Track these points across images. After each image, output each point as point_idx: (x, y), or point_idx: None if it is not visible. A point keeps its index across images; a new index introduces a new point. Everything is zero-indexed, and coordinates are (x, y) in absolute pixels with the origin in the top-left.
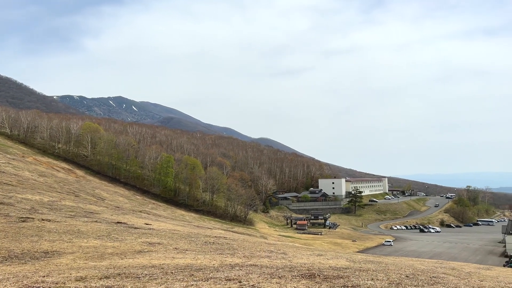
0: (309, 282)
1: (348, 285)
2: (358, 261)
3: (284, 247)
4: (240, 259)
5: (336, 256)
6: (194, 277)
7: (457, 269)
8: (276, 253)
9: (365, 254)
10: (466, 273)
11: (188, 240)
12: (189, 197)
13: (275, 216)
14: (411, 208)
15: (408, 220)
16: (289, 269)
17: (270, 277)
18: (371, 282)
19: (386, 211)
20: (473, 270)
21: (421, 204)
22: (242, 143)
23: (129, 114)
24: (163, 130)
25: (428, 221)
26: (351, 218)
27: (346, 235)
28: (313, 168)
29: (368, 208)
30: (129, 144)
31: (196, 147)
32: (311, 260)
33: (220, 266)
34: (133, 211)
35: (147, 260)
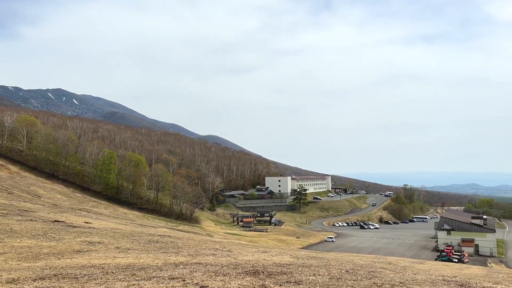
0: (253, 278)
1: (291, 280)
2: (302, 257)
3: (229, 244)
4: (184, 258)
5: (281, 253)
6: (136, 277)
7: (394, 264)
8: (222, 251)
9: (308, 251)
10: (401, 267)
11: (131, 239)
12: (133, 195)
13: (222, 214)
14: (353, 206)
15: (349, 217)
16: (234, 267)
17: (215, 274)
18: (313, 277)
19: (329, 208)
20: (408, 264)
21: (362, 201)
22: (189, 140)
23: (69, 108)
24: (106, 125)
25: (368, 218)
26: (296, 215)
27: (291, 232)
28: (261, 166)
29: (312, 206)
30: (68, 139)
31: (141, 143)
32: (256, 257)
33: (163, 265)
34: (72, 209)
35: (86, 260)
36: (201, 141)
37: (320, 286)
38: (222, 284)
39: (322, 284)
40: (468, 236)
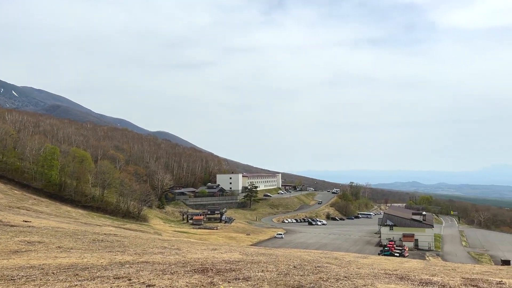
0: (202, 276)
1: (239, 277)
2: (251, 254)
3: (178, 242)
4: (131, 257)
5: (230, 250)
6: (78, 277)
7: (339, 259)
8: (170, 249)
9: (257, 247)
10: (346, 262)
11: (74, 238)
12: (77, 192)
13: (171, 211)
14: (302, 203)
15: (298, 213)
16: (182, 265)
17: (162, 273)
18: (261, 273)
19: (279, 205)
20: (353, 259)
21: (310, 198)
22: (137, 136)
23: (8, 100)
24: (48, 119)
25: (316, 214)
26: (246, 213)
27: (241, 229)
28: (212, 163)
29: (262, 203)
30: (6, 133)
31: (86, 139)
32: (205, 254)
33: (108, 265)
34: (9, 207)
35: (24, 260)
36: (150, 137)
37: (268, 282)
38: (169, 283)
39: (270, 280)
40: (409, 232)
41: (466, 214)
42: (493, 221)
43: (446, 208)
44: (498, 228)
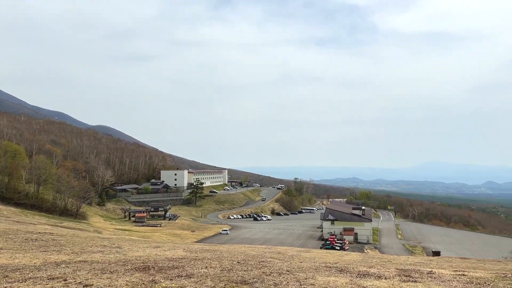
0: (143, 274)
1: (182, 274)
2: (195, 250)
3: (119, 240)
4: (67, 256)
5: (174, 247)
6: (9, 279)
7: (282, 253)
8: (110, 248)
9: (202, 244)
10: (289, 256)
11: (5, 237)
12: (9, 189)
13: (112, 209)
14: (247, 198)
15: (244, 209)
16: (123, 263)
17: (101, 272)
18: (205, 270)
19: (225, 201)
20: (295, 253)
21: (256, 194)
22: (76, 130)
23: None
24: None
25: (261, 210)
26: (191, 209)
27: (186, 226)
28: (156, 159)
29: (208, 199)
30: None
31: (20, 132)
32: (147, 252)
33: (42, 265)
34: None
35: None
36: (90, 132)
37: (211, 278)
38: (108, 282)
39: (214, 276)
40: (349, 226)
41: (401, 209)
42: (425, 215)
43: (384, 203)
44: (430, 221)
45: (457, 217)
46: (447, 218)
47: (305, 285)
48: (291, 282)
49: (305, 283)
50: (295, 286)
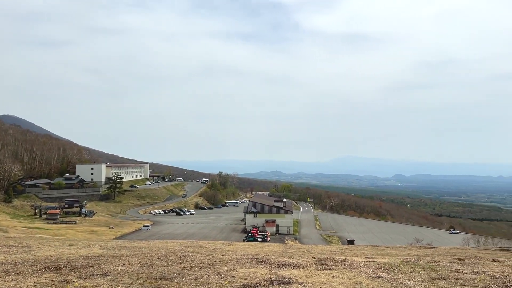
0: (54, 274)
1: (97, 273)
2: (113, 247)
3: (28, 239)
4: None
5: (89, 245)
6: None
7: (205, 247)
8: (17, 247)
9: (121, 240)
10: (212, 249)
11: None
12: None
13: (21, 206)
14: (170, 193)
15: (166, 204)
16: (31, 263)
17: (5, 274)
18: (122, 267)
19: (146, 196)
20: (218, 246)
21: (179, 189)
22: None
23: None
24: None
25: (185, 204)
26: (110, 205)
27: (104, 223)
28: (71, 152)
29: (128, 194)
30: None
31: None
32: (59, 251)
33: None
34: None
35: None
36: None
37: (129, 275)
38: (13, 284)
39: (132, 273)
40: (271, 218)
41: (320, 200)
42: (341, 206)
43: (304, 195)
44: (346, 212)
45: (369, 208)
46: (360, 208)
47: (226, 277)
48: (212, 275)
49: (226, 275)
50: (216, 279)
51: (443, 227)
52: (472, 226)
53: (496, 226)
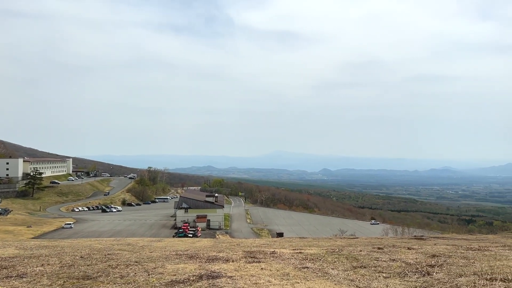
0: None
1: (12, 275)
2: (30, 247)
3: None
4: None
5: (4, 245)
6: None
7: (132, 244)
8: None
9: (40, 240)
10: (140, 247)
11: None
12: None
13: None
14: (95, 189)
15: (91, 201)
16: None
17: None
18: (40, 268)
19: (68, 192)
20: (147, 243)
21: (105, 184)
22: None
23: None
24: None
25: (111, 201)
26: (28, 202)
27: (21, 221)
28: None
29: (48, 191)
30: None
31: None
32: None
33: None
34: None
35: None
36: None
37: (48, 276)
38: None
39: (51, 274)
40: (202, 213)
41: (251, 195)
42: (272, 200)
43: (236, 190)
44: (276, 205)
45: (298, 201)
46: (290, 202)
47: (154, 274)
48: (139, 272)
49: (153, 272)
50: (143, 276)
51: (365, 218)
52: (391, 217)
53: (412, 217)
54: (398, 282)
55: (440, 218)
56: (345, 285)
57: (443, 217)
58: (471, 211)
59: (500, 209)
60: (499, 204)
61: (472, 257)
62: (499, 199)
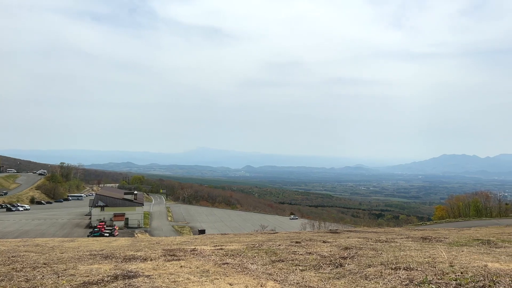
0: None
1: None
2: None
3: None
4: None
5: None
6: None
7: (41, 245)
8: None
9: None
10: (49, 247)
11: None
12: None
13: None
14: None
15: None
16: None
17: None
18: None
19: None
20: (57, 244)
21: (11, 181)
22: None
23: None
24: None
25: (17, 199)
26: None
27: None
28: None
29: None
30: None
31: None
32: None
33: None
34: None
35: None
36: None
37: None
38: None
39: None
40: (120, 211)
41: (173, 192)
42: (194, 197)
43: (157, 187)
44: (198, 202)
45: (221, 198)
46: (213, 199)
47: (64, 276)
48: (47, 275)
49: (64, 274)
50: (52, 279)
51: (285, 213)
52: (309, 212)
53: (328, 212)
54: (313, 274)
55: (353, 213)
56: (263, 279)
57: (356, 211)
58: (380, 206)
59: (405, 203)
60: (405, 199)
61: (380, 248)
62: (404, 195)
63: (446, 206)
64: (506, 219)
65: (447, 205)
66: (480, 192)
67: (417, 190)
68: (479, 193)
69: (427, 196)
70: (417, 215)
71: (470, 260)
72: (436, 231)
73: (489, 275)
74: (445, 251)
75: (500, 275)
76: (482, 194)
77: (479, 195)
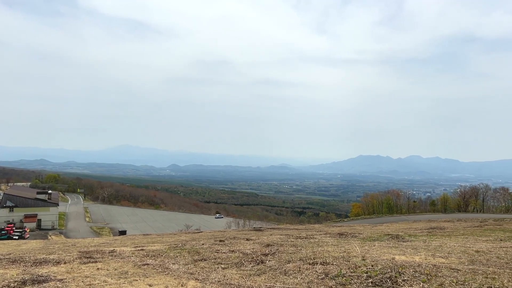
0: None
1: None
2: None
3: None
4: None
5: None
6: None
7: None
8: None
9: None
10: None
11: None
12: None
13: None
14: None
15: None
16: None
17: None
18: None
19: None
20: None
21: None
22: None
23: None
24: None
25: None
26: None
27: None
28: None
29: None
30: None
31: None
32: None
33: None
34: None
35: None
36: None
37: None
38: None
39: None
40: (32, 212)
41: (92, 191)
42: (115, 197)
43: (74, 186)
44: (120, 202)
45: (144, 197)
46: (135, 198)
47: None
48: None
49: None
50: None
51: (211, 212)
52: (234, 210)
53: (253, 210)
54: (235, 272)
55: (277, 211)
56: (184, 278)
57: (280, 209)
58: (302, 204)
59: (325, 201)
60: (325, 197)
61: (300, 244)
62: (325, 193)
63: (362, 204)
64: (414, 215)
65: (363, 203)
66: (392, 191)
67: (336, 188)
68: (391, 192)
69: (345, 194)
70: (336, 212)
71: (380, 254)
72: (352, 227)
73: (396, 267)
74: (359, 246)
75: (405, 267)
76: (394, 193)
77: (391, 194)
